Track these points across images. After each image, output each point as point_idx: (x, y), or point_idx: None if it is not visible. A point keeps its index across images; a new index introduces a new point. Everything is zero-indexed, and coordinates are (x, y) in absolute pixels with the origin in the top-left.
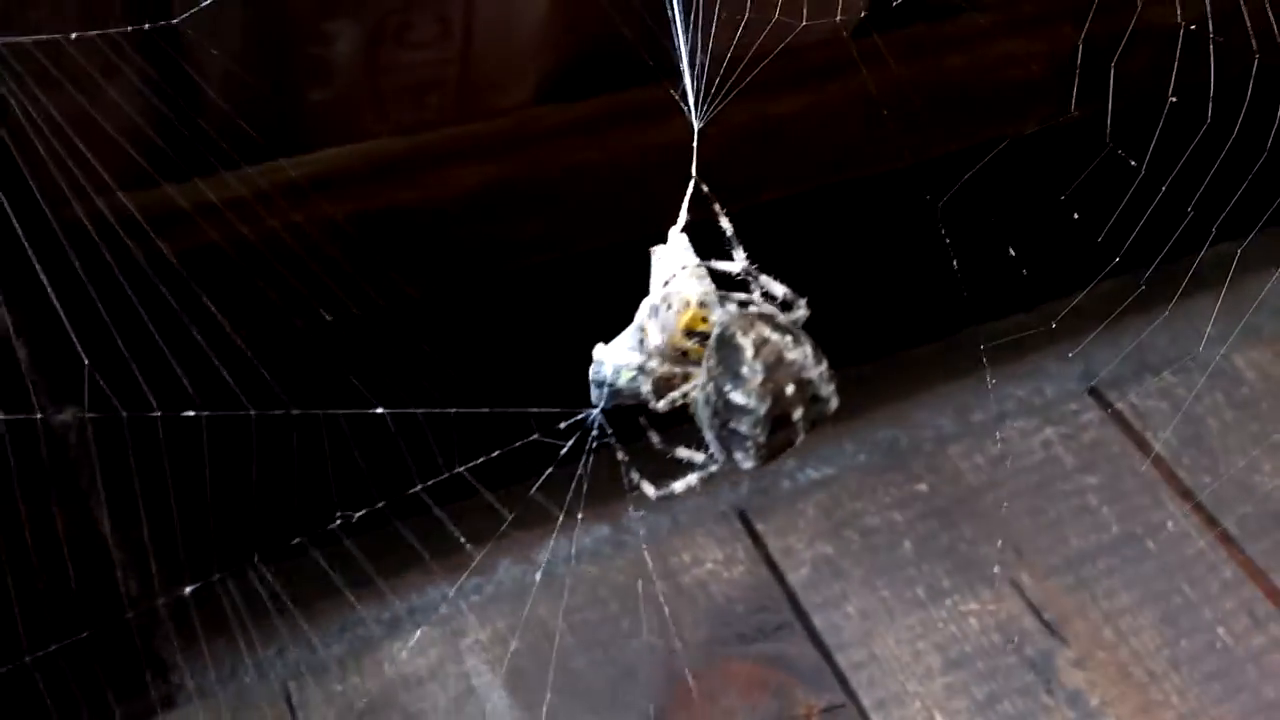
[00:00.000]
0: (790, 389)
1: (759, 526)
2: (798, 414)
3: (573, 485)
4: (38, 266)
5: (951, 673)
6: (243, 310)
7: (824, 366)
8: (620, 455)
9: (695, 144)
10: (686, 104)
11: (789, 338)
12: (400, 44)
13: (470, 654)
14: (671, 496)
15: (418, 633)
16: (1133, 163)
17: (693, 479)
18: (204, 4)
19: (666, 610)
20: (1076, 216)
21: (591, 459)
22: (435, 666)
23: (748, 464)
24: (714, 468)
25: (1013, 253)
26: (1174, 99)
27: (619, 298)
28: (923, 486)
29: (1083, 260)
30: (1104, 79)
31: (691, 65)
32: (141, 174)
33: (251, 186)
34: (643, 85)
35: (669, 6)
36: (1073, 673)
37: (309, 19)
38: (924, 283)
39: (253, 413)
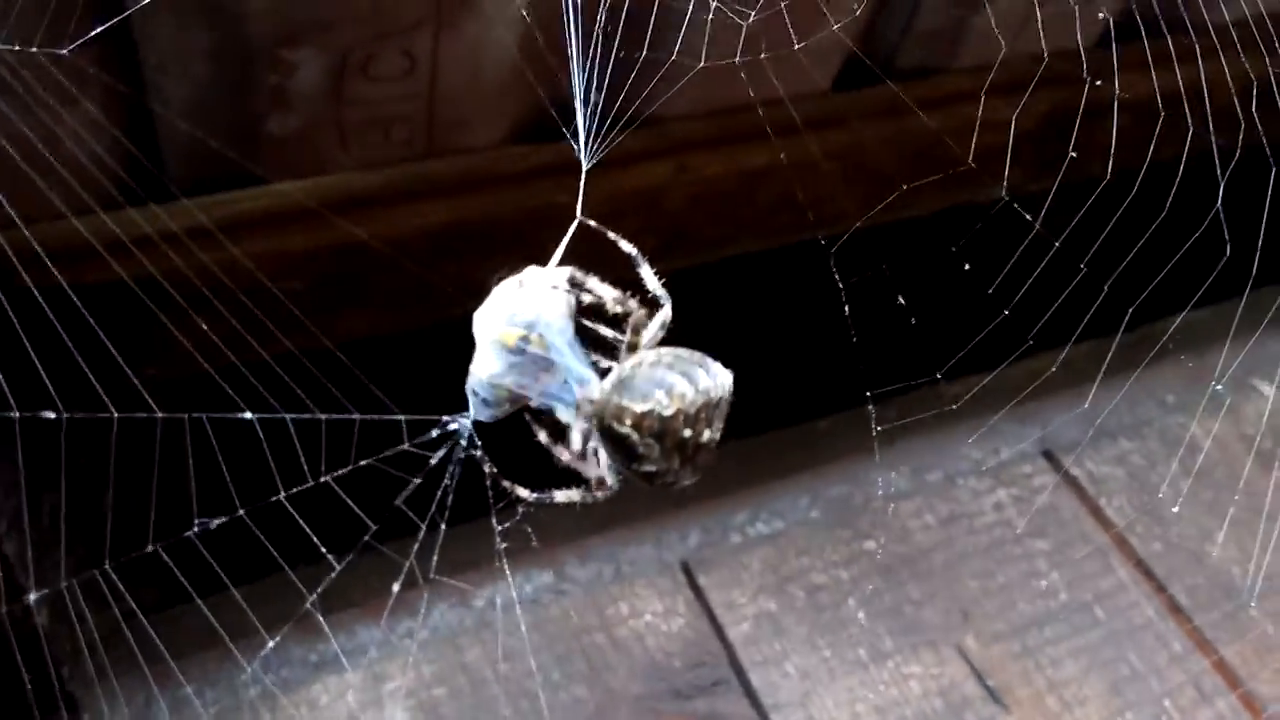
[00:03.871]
0: (687, 432)
1: (701, 579)
2: (706, 434)
3: (438, 496)
4: None
5: None
6: (166, 341)
7: (696, 376)
8: (487, 467)
9: (582, 184)
10: (577, 144)
11: (659, 393)
12: (365, 76)
13: (392, 700)
14: (549, 503)
15: (339, 676)
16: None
17: (574, 493)
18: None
19: (601, 661)
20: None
21: (459, 469)
22: (355, 712)
23: (687, 480)
24: (601, 495)
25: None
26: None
27: None
28: (870, 544)
29: (1045, 324)
30: (1063, 150)
31: (585, 103)
32: (95, 199)
33: (196, 219)
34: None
35: (568, 46)
36: None
37: (270, 47)
38: (882, 340)
39: (115, 415)
